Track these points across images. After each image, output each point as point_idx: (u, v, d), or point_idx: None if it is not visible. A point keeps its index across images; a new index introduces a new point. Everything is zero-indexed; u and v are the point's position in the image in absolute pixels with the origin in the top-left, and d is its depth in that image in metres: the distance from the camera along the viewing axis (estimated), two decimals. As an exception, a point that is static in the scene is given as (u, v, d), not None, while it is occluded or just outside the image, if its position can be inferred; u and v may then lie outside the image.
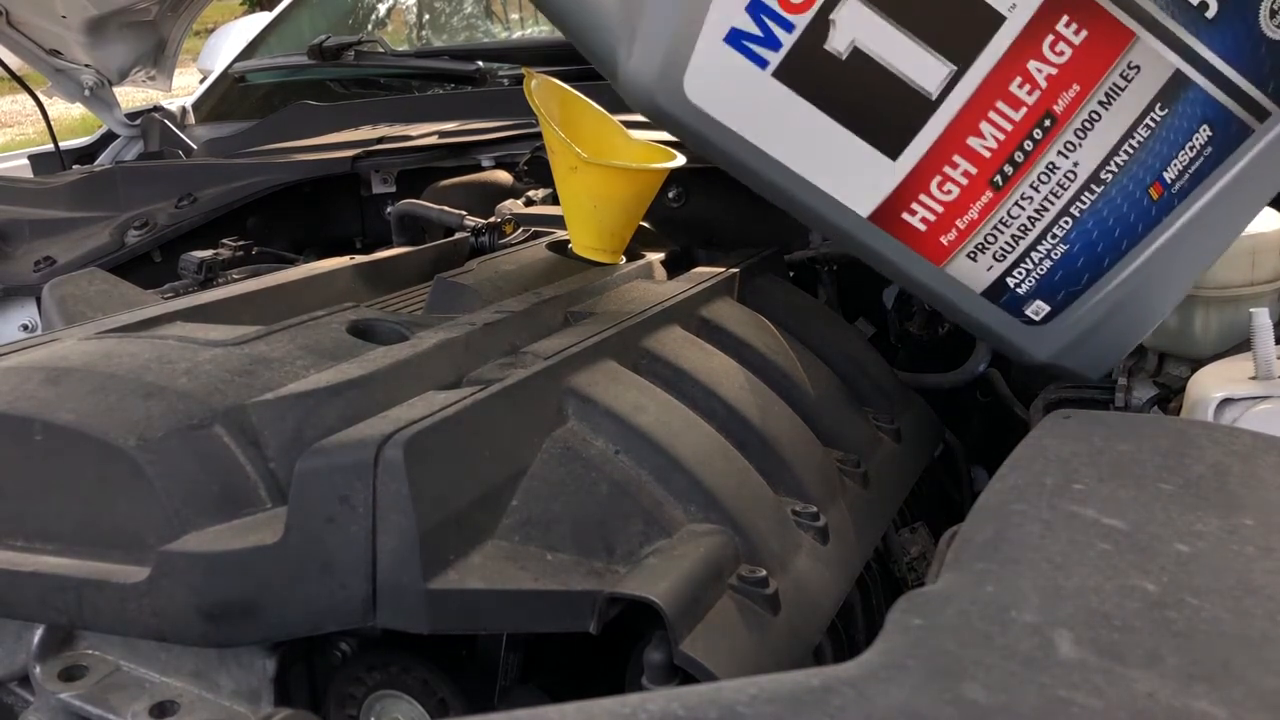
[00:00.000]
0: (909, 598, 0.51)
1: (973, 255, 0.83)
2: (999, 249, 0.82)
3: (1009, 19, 0.75)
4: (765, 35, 0.75)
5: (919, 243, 0.83)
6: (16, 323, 1.73)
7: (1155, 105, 0.78)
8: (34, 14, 2.07)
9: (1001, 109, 0.78)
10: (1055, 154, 0.79)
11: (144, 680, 0.85)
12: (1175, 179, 0.80)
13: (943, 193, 0.81)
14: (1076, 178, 0.80)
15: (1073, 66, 0.77)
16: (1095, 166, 0.80)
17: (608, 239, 1.15)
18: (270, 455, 0.79)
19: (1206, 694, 0.43)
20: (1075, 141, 0.79)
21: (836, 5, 0.74)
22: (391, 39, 2.58)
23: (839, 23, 0.75)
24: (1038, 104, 0.78)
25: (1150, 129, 0.79)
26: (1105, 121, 0.78)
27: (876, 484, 1.05)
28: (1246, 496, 0.61)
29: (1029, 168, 0.80)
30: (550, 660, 0.84)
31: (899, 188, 0.80)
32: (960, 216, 0.82)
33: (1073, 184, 0.80)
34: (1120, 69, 0.77)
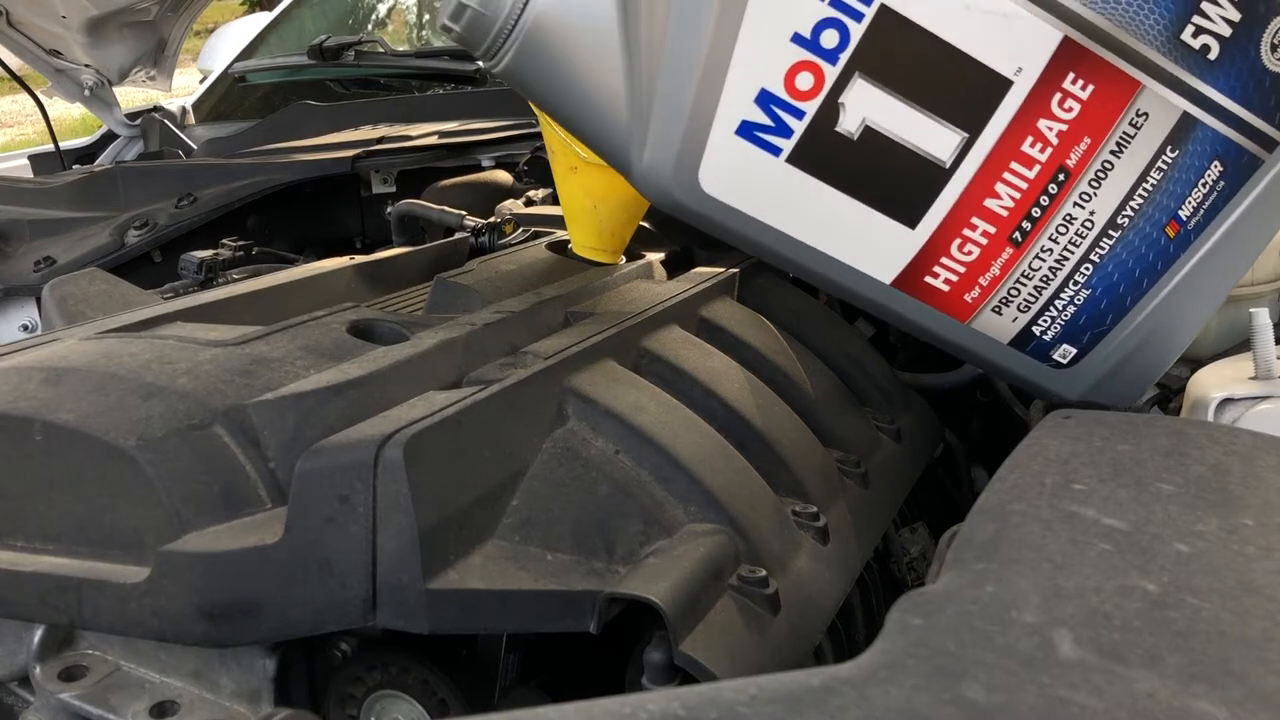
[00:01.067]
0: (909, 598, 0.51)
1: (997, 309, 0.85)
2: (1023, 301, 0.84)
3: (1016, 83, 0.76)
4: (776, 124, 0.77)
5: (943, 303, 0.85)
6: (16, 323, 1.73)
7: (1166, 148, 0.80)
8: (34, 14, 2.07)
9: (1015, 169, 0.79)
10: (1071, 205, 0.81)
11: (144, 680, 0.85)
12: (1190, 216, 0.82)
13: (964, 254, 0.82)
14: (1094, 226, 0.82)
15: (1082, 120, 0.78)
16: (1111, 213, 0.81)
17: (608, 239, 1.15)
18: (270, 455, 0.79)
19: (1206, 694, 0.43)
20: (1090, 191, 0.81)
21: (845, 88, 0.76)
22: (391, 39, 2.58)
23: (848, 105, 0.76)
24: (1050, 160, 0.79)
25: (1163, 171, 0.80)
26: (1118, 169, 0.80)
27: (876, 484, 1.05)
28: (1246, 496, 0.61)
29: (1046, 221, 0.81)
30: (550, 660, 0.84)
31: (920, 253, 0.82)
32: (983, 274, 0.83)
33: (1091, 232, 0.82)
34: (1129, 118, 0.79)
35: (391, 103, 2.18)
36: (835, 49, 0.75)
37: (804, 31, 0.74)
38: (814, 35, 0.74)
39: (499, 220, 1.41)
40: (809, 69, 0.76)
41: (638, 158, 0.80)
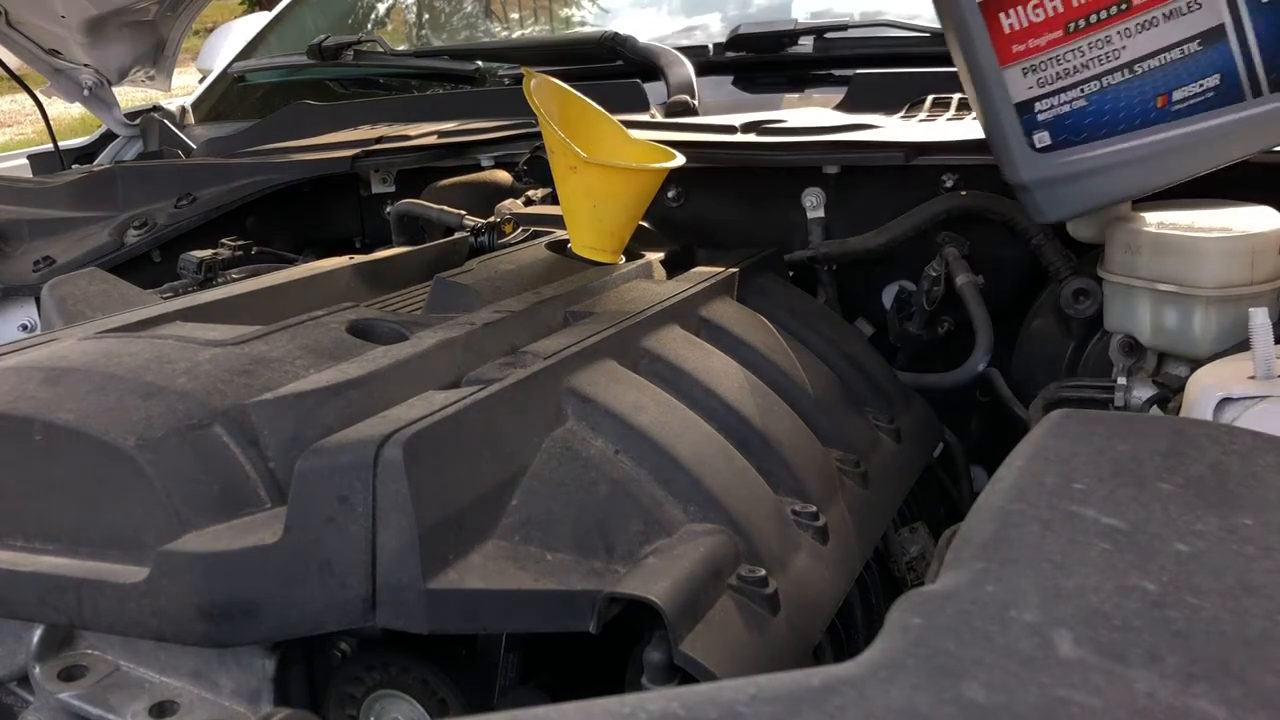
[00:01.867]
0: (909, 597, 0.51)
1: (1025, 71, 1.05)
2: (1045, 77, 1.04)
3: None
4: None
5: (999, 40, 1.05)
6: (16, 323, 1.73)
7: (1195, 40, 0.99)
8: (33, 14, 2.07)
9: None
10: (1115, 32, 1.01)
11: (144, 680, 0.85)
12: (1179, 101, 1.01)
13: (1033, 13, 1.03)
14: (1119, 57, 1.02)
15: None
16: (1135, 57, 1.01)
17: (607, 239, 1.15)
18: (270, 455, 0.79)
19: (1206, 693, 0.43)
20: (1133, 31, 1.01)
21: None
22: (391, 39, 2.58)
23: None
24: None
25: (1183, 54, 1.00)
26: (1159, 29, 1.00)
27: (876, 484, 1.05)
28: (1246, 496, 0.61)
29: (1095, 30, 1.02)
30: (550, 660, 0.84)
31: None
32: (1034, 38, 1.03)
33: (1114, 61, 1.02)
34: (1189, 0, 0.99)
35: (391, 103, 2.18)
36: None
37: None
38: None
39: (498, 220, 1.41)
40: None
41: None
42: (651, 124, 1.61)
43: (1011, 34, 1.04)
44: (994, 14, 1.04)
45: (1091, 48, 1.02)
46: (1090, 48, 1.02)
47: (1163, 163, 1.04)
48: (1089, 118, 1.04)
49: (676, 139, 1.38)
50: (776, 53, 1.92)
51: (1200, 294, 1.08)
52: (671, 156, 1.17)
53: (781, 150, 1.40)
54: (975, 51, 1.07)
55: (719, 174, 1.51)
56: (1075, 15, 1.02)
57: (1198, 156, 1.03)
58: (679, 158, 1.17)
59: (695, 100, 1.77)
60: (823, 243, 1.46)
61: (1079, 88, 1.03)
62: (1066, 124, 1.05)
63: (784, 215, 1.50)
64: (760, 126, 1.47)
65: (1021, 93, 1.06)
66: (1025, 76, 1.05)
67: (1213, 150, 1.03)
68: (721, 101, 1.83)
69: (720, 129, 1.51)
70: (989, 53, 1.06)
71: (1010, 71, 1.05)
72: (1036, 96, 1.05)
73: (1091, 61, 1.02)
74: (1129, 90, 1.02)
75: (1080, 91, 1.03)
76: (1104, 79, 1.02)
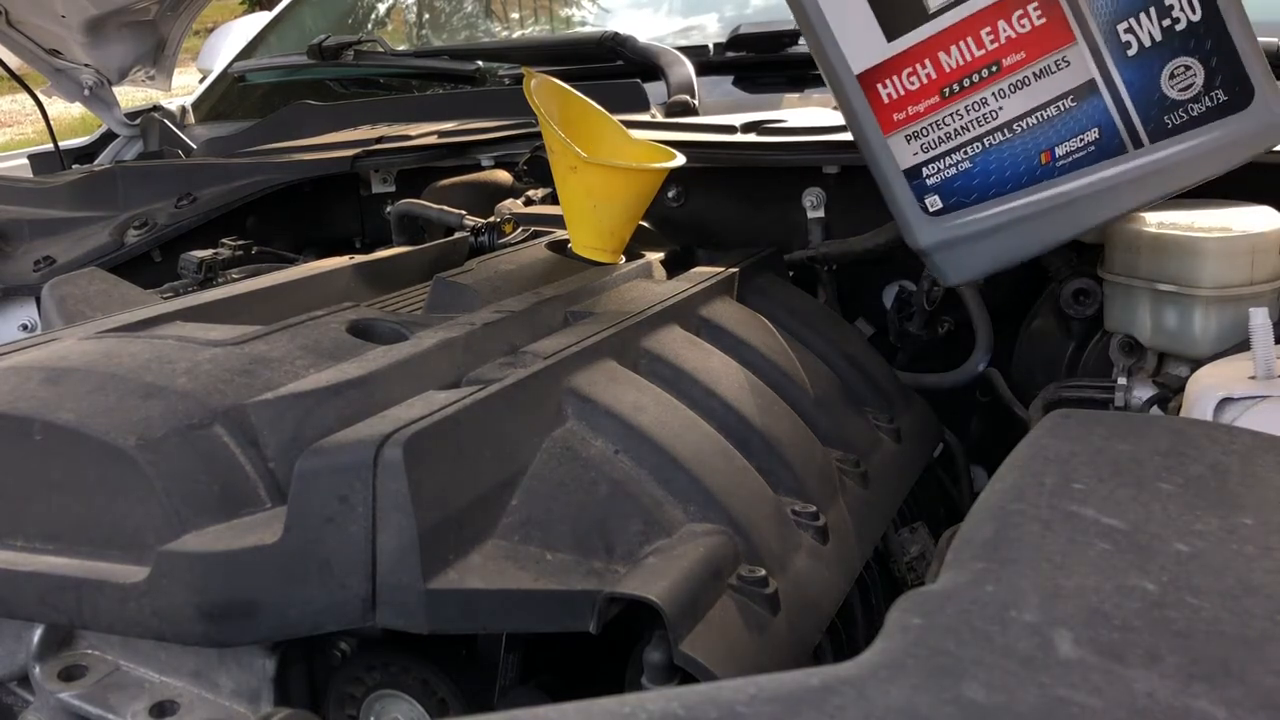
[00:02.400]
0: (909, 597, 0.51)
1: (908, 138, 1.08)
2: (927, 143, 1.07)
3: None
4: None
5: (879, 110, 1.08)
6: (16, 322, 1.73)
7: (1068, 96, 1.03)
8: (34, 14, 2.07)
9: (969, 42, 1.03)
10: (990, 94, 1.04)
11: (144, 680, 0.85)
12: (1062, 156, 1.04)
13: (909, 82, 1.06)
14: (997, 118, 1.05)
15: (1027, 39, 1.02)
16: (1013, 117, 1.04)
17: (607, 239, 1.15)
18: (270, 455, 0.79)
19: (1206, 693, 0.43)
20: (1007, 92, 1.04)
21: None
22: (391, 39, 2.58)
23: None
24: (993, 52, 1.03)
25: (1059, 110, 1.03)
26: (1032, 88, 1.03)
27: (876, 484, 1.05)
28: (1246, 496, 0.61)
29: (970, 94, 1.05)
30: (550, 660, 0.84)
31: (883, 63, 1.06)
32: (912, 105, 1.07)
33: (993, 122, 1.05)
34: (1057, 57, 1.02)
35: (391, 102, 2.18)
36: None
37: None
38: None
39: (498, 220, 1.41)
40: None
41: None
42: (651, 124, 1.61)
43: (891, 103, 1.07)
44: (871, 85, 1.07)
45: (969, 110, 1.05)
46: (967, 110, 1.05)
47: (1056, 219, 1.06)
48: (975, 179, 1.07)
49: (676, 139, 1.38)
50: (776, 53, 1.92)
51: (1200, 294, 1.08)
52: (671, 156, 1.17)
53: (781, 150, 1.40)
54: (859, 122, 1.10)
55: (719, 174, 1.51)
56: (949, 80, 1.05)
57: (1090, 210, 1.05)
58: (679, 158, 1.17)
59: (695, 100, 1.77)
60: (823, 243, 1.46)
61: (962, 150, 1.06)
62: (955, 186, 1.07)
63: (784, 215, 1.50)
64: (760, 126, 1.47)
65: (907, 159, 1.08)
66: (909, 143, 1.08)
67: (1104, 203, 1.05)
68: (721, 101, 1.83)
69: (720, 129, 1.51)
70: (872, 123, 1.09)
71: (894, 139, 1.08)
72: (923, 162, 1.08)
73: (971, 124, 1.05)
74: (1011, 149, 1.05)
75: (964, 154, 1.06)
76: (985, 140, 1.05)
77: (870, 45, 1.06)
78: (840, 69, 1.09)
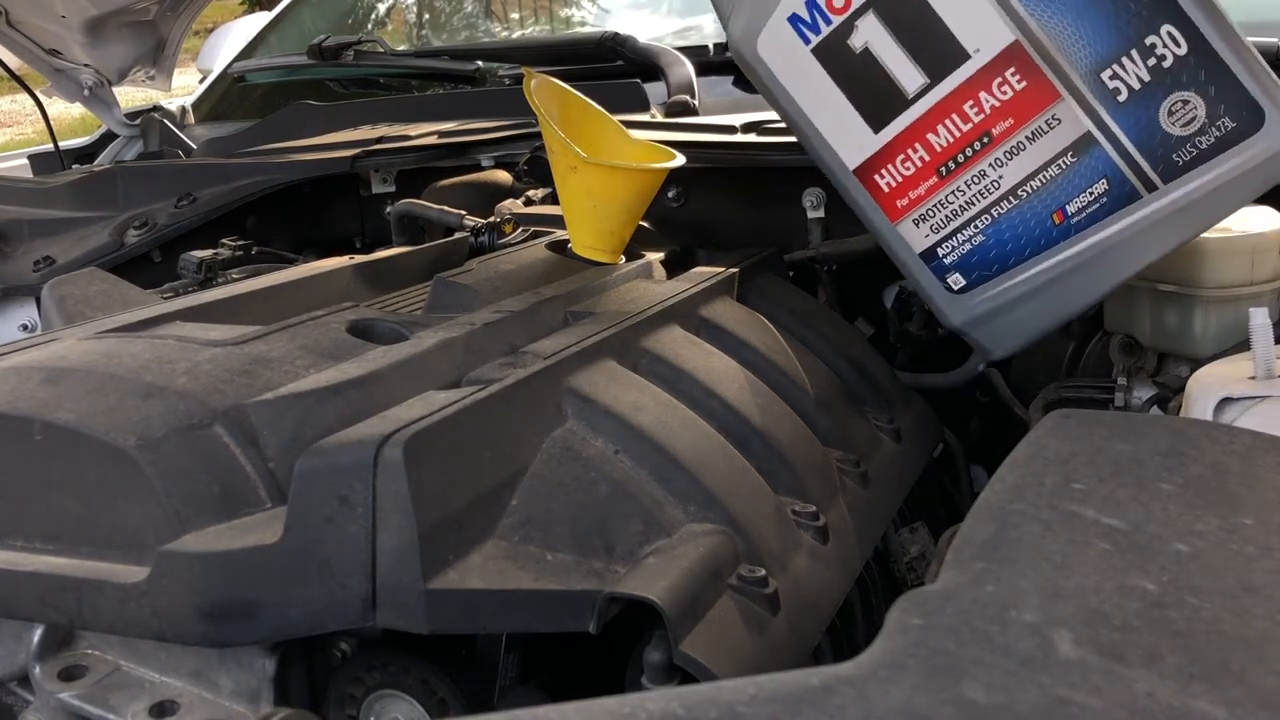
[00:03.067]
0: (909, 597, 0.51)
1: (916, 222, 1.08)
2: (936, 223, 1.07)
3: (973, 58, 1.01)
4: (812, 22, 1.05)
5: (882, 199, 1.09)
6: (16, 323, 1.73)
7: (1068, 153, 1.00)
8: (34, 14, 2.07)
9: (954, 119, 1.03)
10: (987, 165, 1.03)
11: (144, 680, 0.85)
12: (1075, 214, 1.02)
13: (903, 168, 1.06)
14: (1000, 187, 1.03)
15: (1012, 104, 1.01)
16: (1015, 183, 1.03)
17: (607, 239, 1.15)
18: (270, 455, 0.79)
19: (1206, 693, 0.43)
20: (1003, 160, 1.02)
21: (861, 15, 1.03)
22: (391, 39, 2.57)
23: (860, 28, 1.03)
24: (981, 123, 1.02)
25: (1061, 168, 1.01)
26: (1028, 152, 1.01)
27: (876, 484, 1.05)
28: (1246, 496, 0.61)
29: (967, 168, 1.04)
30: (550, 660, 0.84)
31: (876, 154, 1.07)
32: (913, 189, 1.06)
33: (996, 191, 1.03)
34: (1046, 117, 1.00)
35: (391, 103, 2.18)
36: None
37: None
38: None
39: (498, 220, 1.41)
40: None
41: (733, 18, 1.10)
42: (651, 124, 1.61)
43: (892, 191, 1.07)
44: (869, 177, 1.08)
45: (969, 185, 1.04)
46: (968, 185, 1.04)
47: (1086, 276, 1.03)
48: (992, 251, 1.05)
49: (676, 139, 1.38)
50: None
51: (1200, 294, 1.08)
52: (671, 156, 1.17)
53: (781, 150, 1.40)
54: (867, 215, 1.10)
55: (719, 174, 1.51)
56: (943, 159, 1.04)
57: (1121, 261, 1.02)
58: (679, 158, 1.17)
59: (695, 100, 1.77)
60: (823, 243, 1.46)
61: (972, 224, 1.05)
62: (973, 261, 1.06)
63: (784, 215, 1.50)
64: (760, 126, 1.47)
65: (921, 243, 1.08)
66: (919, 226, 1.07)
67: (1133, 252, 1.01)
68: (721, 101, 1.83)
69: (720, 129, 1.50)
70: (879, 213, 1.09)
71: (903, 226, 1.08)
72: (936, 242, 1.07)
73: (975, 197, 1.04)
74: (1021, 215, 1.03)
75: (975, 228, 1.05)
76: (992, 211, 1.04)
77: (860, 139, 1.07)
78: (836, 167, 1.09)
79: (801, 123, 1.10)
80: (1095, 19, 0.97)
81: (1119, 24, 0.97)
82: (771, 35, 1.07)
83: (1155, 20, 0.95)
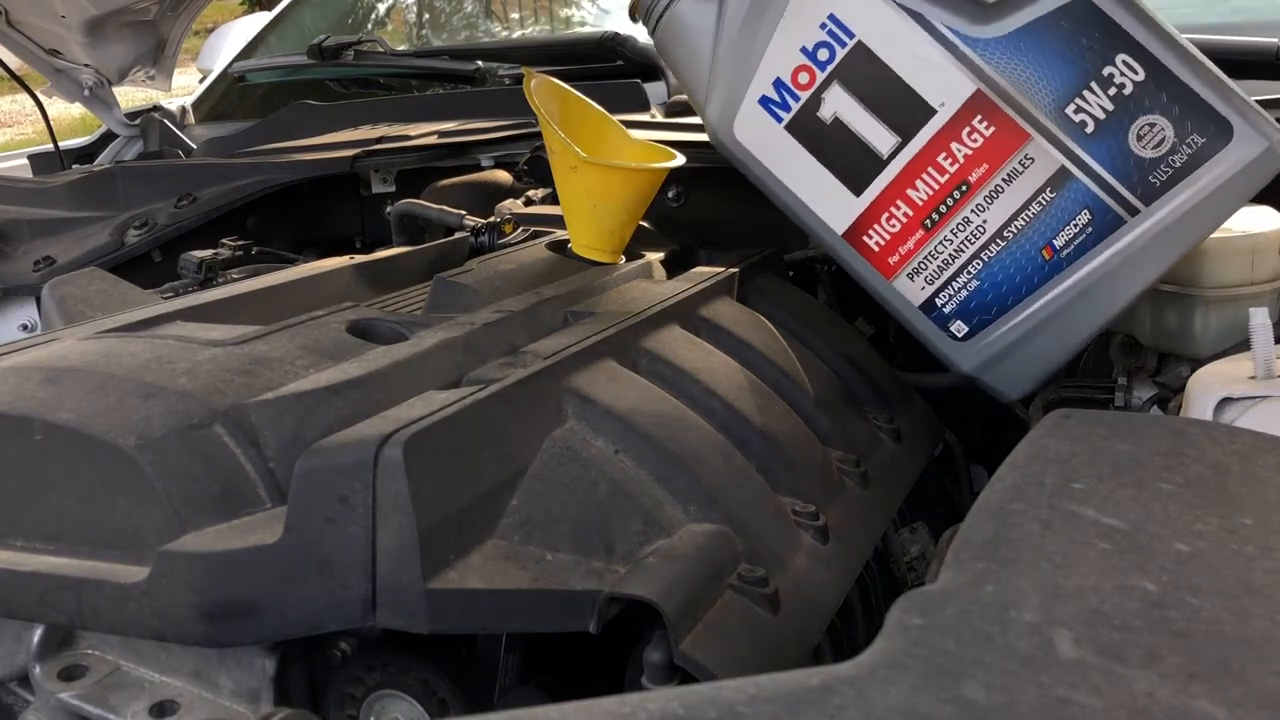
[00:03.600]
0: (909, 597, 0.51)
1: (911, 276, 1.09)
2: (929, 274, 1.08)
3: (939, 112, 1.04)
4: (782, 102, 1.09)
5: (874, 259, 1.11)
6: (16, 323, 1.73)
7: (1046, 189, 1.03)
8: (34, 14, 2.07)
9: (931, 173, 1.05)
10: (969, 211, 1.05)
11: (144, 680, 0.85)
12: (1063, 247, 1.04)
13: (889, 226, 1.08)
14: (986, 231, 1.05)
15: (984, 150, 1.03)
16: (1000, 225, 1.05)
17: (607, 239, 1.15)
18: (270, 455, 0.79)
19: (1206, 693, 0.43)
20: (984, 205, 1.05)
21: (826, 88, 1.07)
22: (391, 39, 2.57)
23: (827, 100, 1.08)
24: (957, 173, 1.05)
25: (1042, 205, 1.03)
26: (1007, 194, 1.04)
27: (876, 484, 1.05)
28: (1246, 496, 0.61)
29: (950, 218, 1.06)
30: (550, 660, 0.84)
31: (860, 217, 1.10)
32: (902, 245, 1.09)
33: (982, 236, 1.06)
34: (1019, 158, 1.03)
35: (391, 103, 2.18)
36: (825, 61, 1.07)
37: (809, 46, 1.07)
38: (814, 50, 1.07)
39: (498, 220, 1.41)
40: (807, 71, 1.08)
41: (707, 109, 1.15)
42: (651, 124, 1.61)
43: (882, 249, 1.09)
44: (858, 240, 1.10)
45: (955, 233, 1.05)
46: (954, 234, 1.06)
47: (1086, 306, 1.04)
48: (989, 294, 1.07)
49: (676, 139, 1.38)
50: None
51: (1200, 294, 1.08)
52: (671, 156, 1.17)
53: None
54: (863, 276, 1.12)
55: (719, 174, 1.50)
56: (925, 213, 1.06)
57: (1118, 287, 1.03)
58: (679, 158, 1.17)
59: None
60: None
61: (964, 271, 1.06)
62: (971, 307, 1.08)
63: (783, 215, 1.50)
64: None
65: (918, 296, 1.09)
66: (913, 280, 1.09)
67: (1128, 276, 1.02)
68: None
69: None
70: (873, 273, 1.11)
71: (899, 281, 1.10)
72: (933, 294, 1.09)
73: (963, 245, 1.06)
74: (1011, 256, 1.05)
75: (968, 274, 1.06)
76: (982, 255, 1.05)
77: (843, 204, 1.09)
78: (825, 235, 1.12)
79: (786, 197, 1.13)
80: (1051, 58, 1.00)
81: (1074, 60, 0.99)
82: (745, 120, 1.11)
83: (1109, 52, 0.98)
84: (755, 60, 1.09)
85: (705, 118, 1.15)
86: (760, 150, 1.12)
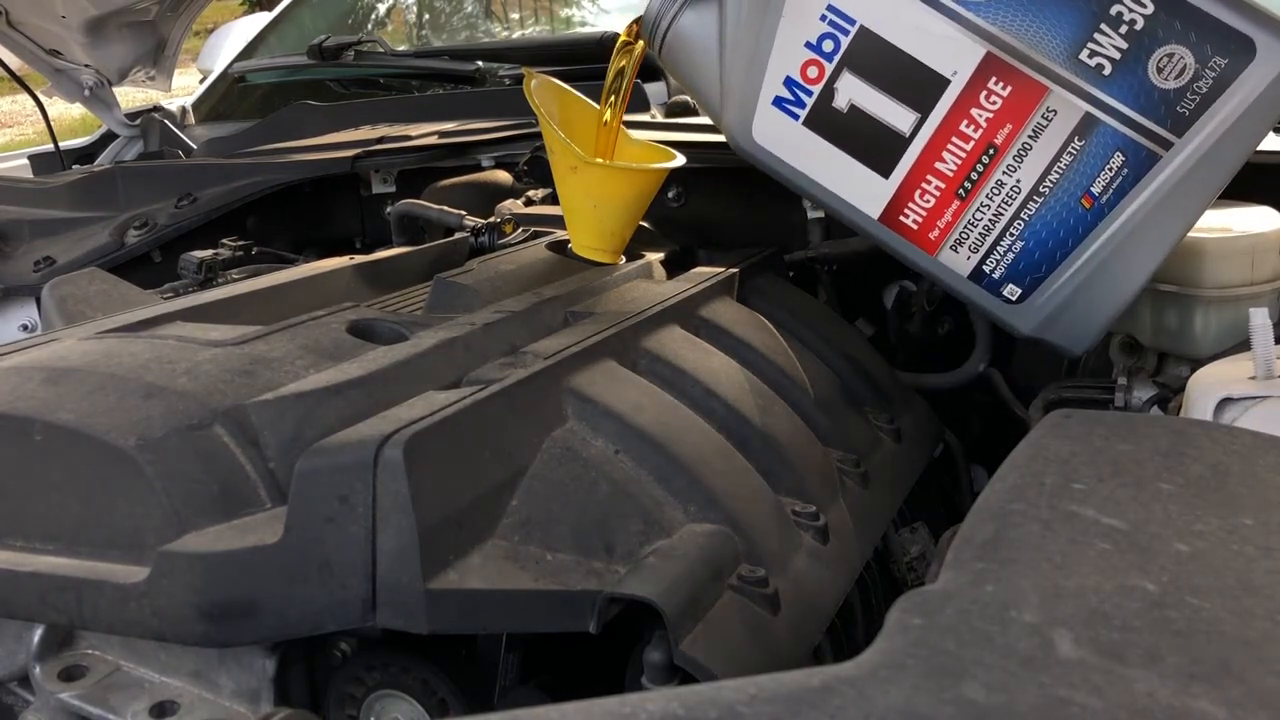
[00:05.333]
0: (909, 597, 0.51)
1: (954, 247, 1.08)
2: (973, 242, 1.07)
3: (952, 81, 1.03)
4: (795, 99, 1.09)
5: (915, 237, 1.09)
6: (16, 323, 1.73)
7: (1074, 139, 1.01)
8: (34, 14, 2.07)
9: (956, 142, 1.04)
10: (1001, 174, 1.04)
11: (144, 680, 0.85)
12: (1102, 193, 1.02)
13: (924, 201, 1.07)
14: (1021, 191, 1.04)
15: (1005, 111, 1.02)
16: (1034, 183, 1.03)
17: (608, 239, 1.15)
18: (270, 455, 0.79)
19: (1206, 694, 0.43)
20: (1015, 165, 1.03)
21: (838, 77, 1.06)
22: (391, 39, 2.58)
23: (840, 89, 1.07)
24: (982, 138, 1.03)
25: (1073, 155, 1.01)
26: (1036, 150, 1.02)
27: (876, 484, 1.05)
28: (1246, 496, 0.61)
29: (983, 183, 1.05)
30: (550, 660, 0.84)
31: (893, 198, 1.08)
32: (939, 219, 1.07)
33: (1019, 196, 1.04)
34: (1041, 112, 1.01)
35: (391, 103, 2.18)
36: (832, 52, 1.06)
37: (812, 40, 1.06)
38: (818, 42, 1.06)
39: (499, 220, 1.41)
40: (815, 64, 1.07)
41: (724, 118, 1.13)
42: (651, 124, 1.61)
43: (921, 226, 1.08)
44: (894, 219, 1.08)
45: (991, 197, 1.04)
46: (990, 198, 1.04)
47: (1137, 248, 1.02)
48: (1035, 252, 1.05)
49: (676, 139, 1.38)
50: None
51: (1200, 294, 1.08)
52: (671, 156, 1.17)
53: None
54: (906, 256, 1.10)
55: (719, 174, 1.51)
56: (958, 182, 1.05)
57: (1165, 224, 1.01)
58: (679, 158, 1.17)
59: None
60: (822, 243, 1.46)
61: (1007, 233, 1.05)
62: (1021, 268, 1.06)
63: (784, 215, 1.50)
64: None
65: (965, 266, 1.08)
66: (958, 251, 1.07)
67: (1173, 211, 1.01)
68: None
69: (720, 129, 1.50)
70: (916, 251, 1.09)
71: (944, 255, 1.08)
72: (980, 261, 1.07)
73: (1001, 207, 1.04)
74: (1051, 210, 1.03)
75: (1011, 235, 1.05)
76: (1022, 214, 1.04)
77: (874, 189, 1.08)
78: (863, 221, 1.10)
79: (817, 192, 1.11)
80: (1055, 7, 0.98)
81: (1079, 5, 0.98)
82: (763, 123, 1.10)
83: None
84: (763, 62, 1.08)
85: (724, 128, 1.14)
86: (783, 150, 1.11)
